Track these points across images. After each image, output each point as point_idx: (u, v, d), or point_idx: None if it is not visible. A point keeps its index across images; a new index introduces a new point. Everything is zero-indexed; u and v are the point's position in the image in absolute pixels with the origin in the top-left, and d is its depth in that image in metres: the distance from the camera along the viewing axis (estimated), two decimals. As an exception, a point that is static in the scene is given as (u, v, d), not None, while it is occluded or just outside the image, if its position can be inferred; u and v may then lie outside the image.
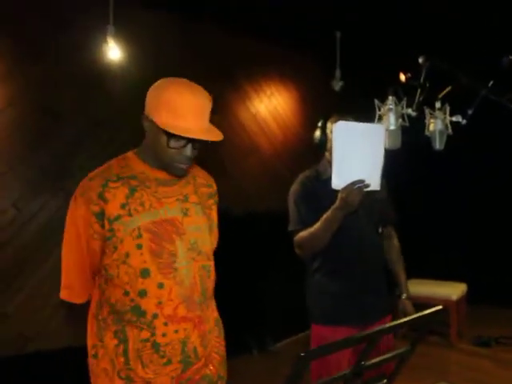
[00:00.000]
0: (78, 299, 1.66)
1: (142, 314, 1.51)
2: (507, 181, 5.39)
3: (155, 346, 1.51)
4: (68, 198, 1.60)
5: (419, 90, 2.30)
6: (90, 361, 1.60)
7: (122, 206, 1.51)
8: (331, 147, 2.05)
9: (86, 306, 1.66)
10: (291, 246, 2.32)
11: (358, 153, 2.01)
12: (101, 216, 1.51)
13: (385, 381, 1.41)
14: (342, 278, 2.28)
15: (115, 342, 1.53)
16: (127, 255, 1.50)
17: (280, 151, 5.27)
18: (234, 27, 4.53)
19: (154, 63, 3.90)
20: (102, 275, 1.57)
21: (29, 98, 3.48)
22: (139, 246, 1.50)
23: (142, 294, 1.50)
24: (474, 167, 5.52)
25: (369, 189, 2.03)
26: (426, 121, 2.29)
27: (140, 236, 1.51)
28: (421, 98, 2.31)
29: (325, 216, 2.12)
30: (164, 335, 1.52)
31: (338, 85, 5.08)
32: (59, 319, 3.46)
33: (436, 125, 2.25)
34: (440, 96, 2.32)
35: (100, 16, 3.61)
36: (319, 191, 2.26)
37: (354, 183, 1.99)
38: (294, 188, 2.37)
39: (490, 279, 5.46)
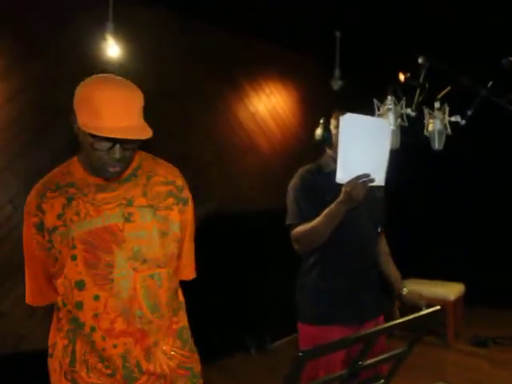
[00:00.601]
0: (38, 302, 1.64)
1: (81, 326, 1.48)
2: (507, 182, 5.39)
3: (99, 357, 1.49)
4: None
5: (418, 90, 2.30)
6: (48, 360, 1.59)
7: (59, 217, 1.47)
8: (336, 143, 2.03)
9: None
10: (289, 245, 2.29)
11: (363, 146, 1.98)
12: (41, 227, 1.48)
13: (382, 381, 1.41)
14: (342, 274, 2.26)
15: (65, 341, 1.52)
16: (63, 266, 1.46)
17: (279, 150, 5.27)
18: (234, 26, 4.53)
19: (153, 61, 3.89)
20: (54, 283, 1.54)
21: (27, 95, 3.47)
22: (74, 257, 1.45)
23: (79, 306, 1.47)
24: (475, 168, 5.51)
25: (373, 184, 2.00)
26: (425, 121, 2.29)
27: (74, 247, 1.45)
28: (420, 98, 2.31)
29: (327, 210, 2.09)
30: (104, 349, 1.47)
31: (337, 84, 5.08)
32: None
33: (435, 125, 2.25)
34: (439, 96, 2.32)
35: (99, 13, 3.60)
36: (320, 184, 2.23)
37: (358, 177, 1.96)
38: (294, 182, 2.33)
39: (487, 280, 5.46)
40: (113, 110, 1.36)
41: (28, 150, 3.48)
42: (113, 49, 3.59)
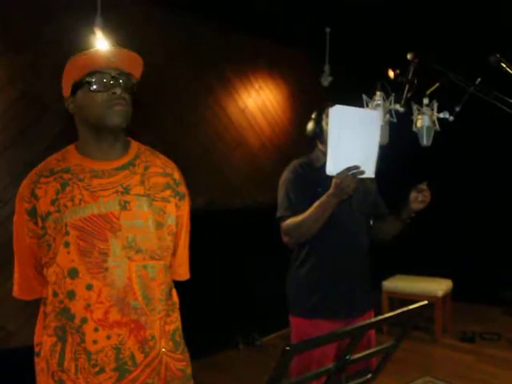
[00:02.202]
0: (26, 296, 1.60)
1: (71, 317, 1.42)
2: (493, 178, 5.42)
3: (86, 354, 1.42)
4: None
5: (407, 86, 2.30)
6: (35, 359, 1.54)
7: (52, 203, 1.43)
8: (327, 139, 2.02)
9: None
10: (278, 240, 2.29)
11: (353, 138, 1.98)
12: (33, 214, 1.45)
13: (369, 375, 1.41)
14: (333, 268, 2.26)
15: (53, 339, 1.46)
16: (56, 254, 1.42)
17: (267, 145, 5.28)
18: (223, 21, 4.51)
19: (142, 56, 3.86)
20: (45, 273, 1.50)
21: (14, 89, 3.43)
22: (66, 244, 1.41)
23: (71, 295, 1.42)
24: (460, 164, 5.54)
25: (363, 176, 2.00)
26: (414, 117, 2.30)
27: (67, 233, 1.41)
28: (409, 94, 2.31)
29: (317, 202, 2.09)
30: (95, 342, 1.41)
31: (326, 80, 5.08)
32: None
33: (423, 121, 2.25)
34: (428, 92, 2.32)
35: (87, 7, 3.56)
36: (311, 178, 2.24)
37: (348, 169, 1.96)
38: (285, 175, 2.33)
39: (475, 276, 5.50)
40: (100, 50, 1.49)
41: (14, 144, 3.44)
42: (101, 42, 3.56)
